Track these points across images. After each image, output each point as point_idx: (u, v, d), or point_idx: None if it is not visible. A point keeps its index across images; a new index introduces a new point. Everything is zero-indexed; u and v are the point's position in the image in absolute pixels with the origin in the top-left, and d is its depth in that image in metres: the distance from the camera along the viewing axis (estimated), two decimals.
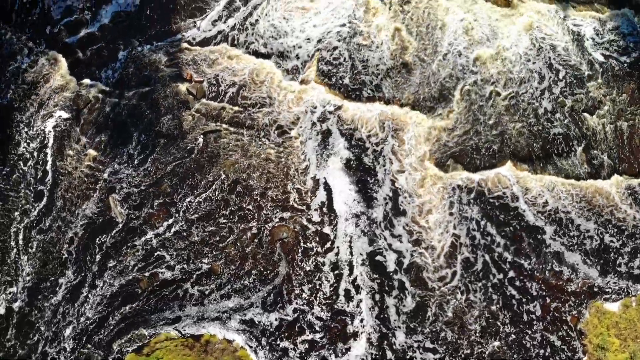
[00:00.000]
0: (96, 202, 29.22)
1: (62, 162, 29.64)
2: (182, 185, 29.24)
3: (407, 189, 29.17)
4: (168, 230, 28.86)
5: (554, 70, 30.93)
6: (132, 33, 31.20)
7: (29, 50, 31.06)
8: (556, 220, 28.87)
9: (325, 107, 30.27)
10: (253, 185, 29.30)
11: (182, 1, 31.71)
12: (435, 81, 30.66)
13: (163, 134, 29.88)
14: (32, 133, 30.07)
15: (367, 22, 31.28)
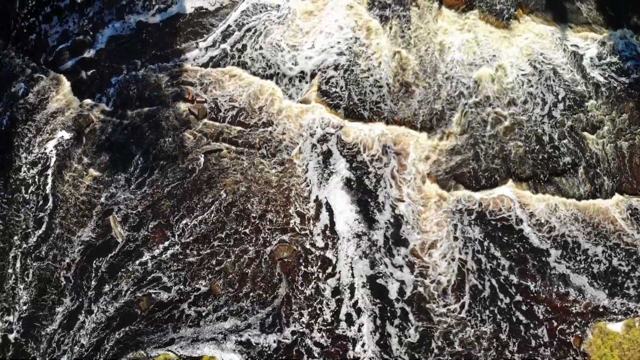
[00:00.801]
0: (95, 223, 29.08)
1: (63, 182, 29.63)
2: (182, 205, 29.20)
3: (408, 209, 29.09)
4: (167, 252, 28.71)
5: (553, 91, 31.16)
6: (135, 54, 31.50)
7: (31, 71, 31.31)
8: (558, 240, 28.73)
9: (326, 127, 30.41)
10: (253, 204, 29.24)
11: (185, 23, 32.17)
12: (435, 102, 30.88)
13: (164, 154, 29.96)
14: (34, 153, 30.12)
15: (368, 43, 31.61)
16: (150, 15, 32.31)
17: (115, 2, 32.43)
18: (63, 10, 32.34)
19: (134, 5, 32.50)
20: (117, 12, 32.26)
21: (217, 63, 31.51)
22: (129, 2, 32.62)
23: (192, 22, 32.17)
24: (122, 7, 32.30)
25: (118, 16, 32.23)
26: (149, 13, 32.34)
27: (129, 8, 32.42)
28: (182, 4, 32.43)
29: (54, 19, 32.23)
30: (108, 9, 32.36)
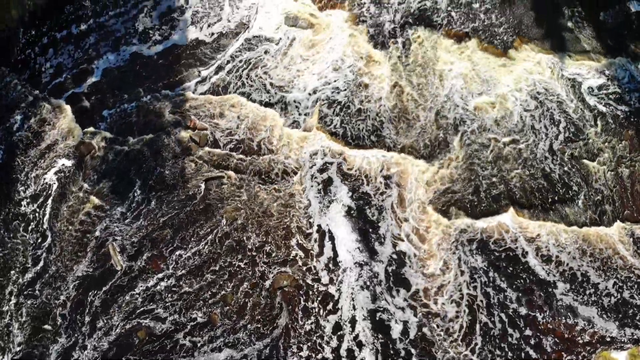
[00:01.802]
0: (94, 253, 28.81)
1: (63, 209, 29.56)
2: (182, 233, 29.06)
3: (410, 247, 28.94)
4: (166, 281, 28.44)
5: (552, 118, 31.34)
6: (137, 83, 31.84)
7: (33, 99, 31.56)
8: (561, 269, 28.49)
9: (327, 154, 30.49)
10: (254, 231, 29.11)
11: (186, 53, 32.61)
12: (435, 129, 31.02)
13: (165, 181, 29.99)
14: (34, 180, 30.14)
15: (368, 72, 31.94)
16: (151, 45, 32.77)
17: (113, 33, 32.97)
18: (64, 40, 32.78)
19: (135, 35, 32.99)
20: (116, 43, 32.72)
21: (219, 91, 31.79)
22: (127, 33, 33.14)
23: (193, 52, 32.59)
24: (121, 37, 32.78)
25: (118, 46, 32.69)
26: (149, 43, 32.78)
27: (128, 39, 32.90)
28: (184, 35, 32.91)
29: (55, 49, 32.65)
30: (107, 40, 32.81)
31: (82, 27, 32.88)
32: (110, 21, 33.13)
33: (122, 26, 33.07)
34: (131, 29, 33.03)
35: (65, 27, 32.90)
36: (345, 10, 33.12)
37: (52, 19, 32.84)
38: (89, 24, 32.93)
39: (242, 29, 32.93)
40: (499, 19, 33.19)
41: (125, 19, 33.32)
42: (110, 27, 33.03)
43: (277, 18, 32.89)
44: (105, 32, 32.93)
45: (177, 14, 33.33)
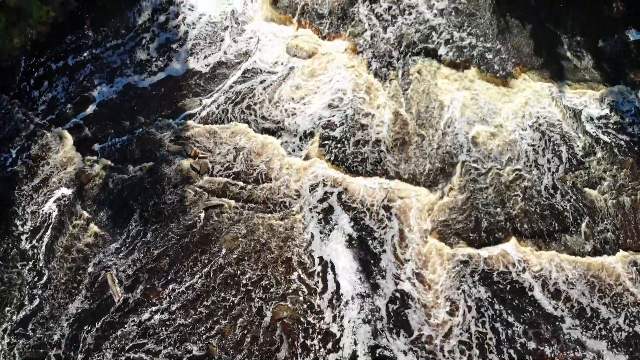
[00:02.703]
0: (91, 284, 28.55)
1: (62, 239, 29.37)
2: (182, 262, 28.82)
3: (412, 267, 28.74)
4: (163, 312, 28.07)
5: (553, 147, 31.32)
6: (138, 111, 31.93)
7: (34, 127, 31.63)
8: (565, 299, 28.23)
9: (327, 183, 30.39)
10: (253, 261, 28.85)
11: (188, 81, 32.76)
12: (436, 157, 30.99)
13: (165, 210, 29.84)
14: (34, 209, 29.99)
15: (368, 101, 32.05)
16: (151, 75, 32.91)
17: (114, 63, 33.06)
18: (65, 69, 32.91)
19: (136, 65, 33.13)
20: (116, 72, 32.86)
21: (220, 120, 31.84)
22: (128, 63, 33.24)
23: (194, 81, 32.73)
24: (123, 67, 32.93)
25: (119, 75, 32.80)
26: (150, 73, 32.94)
27: (129, 68, 33.03)
28: (185, 65, 33.09)
29: (56, 78, 32.79)
30: (107, 69, 32.92)
31: (82, 57, 33.06)
32: (111, 51, 33.33)
33: (123, 56, 33.27)
34: (133, 59, 33.21)
35: (66, 57, 33.11)
36: (345, 40, 33.34)
37: (53, 49, 33.12)
38: (90, 53, 33.15)
39: (243, 59, 33.13)
40: (498, 48, 33.42)
41: (126, 49, 33.53)
42: (111, 57, 33.22)
43: (278, 48, 33.13)
44: (106, 61, 33.11)
45: (177, 45, 33.50)
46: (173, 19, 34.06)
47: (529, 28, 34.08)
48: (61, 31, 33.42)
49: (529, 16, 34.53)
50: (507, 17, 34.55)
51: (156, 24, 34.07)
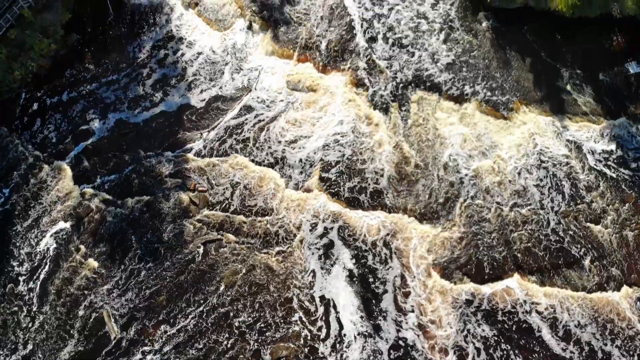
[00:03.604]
0: (87, 322, 28.00)
1: (59, 275, 28.86)
2: (180, 298, 28.28)
3: (415, 304, 28.23)
4: (165, 345, 27.46)
5: (554, 181, 31.09)
6: (138, 144, 31.83)
7: (33, 159, 31.42)
8: (570, 336, 27.65)
9: (328, 216, 30.04)
10: (252, 297, 28.32)
11: (189, 115, 32.76)
12: (437, 191, 30.75)
13: (163, 244, 29.42)
14: (33, 243, 29.59)
15: (369, 134, 31.95)
16: (151, 108, 32.94)
17: (114, 96, 32.99)
18: (65, 102, 32.89)
19: (137, 99, 33.13)
20: (117, 105, 32.83)
21: (220, 153, 31.68)
22: (130, 96, 33.23)
23: (195, 114, 32.72)
24: (123, 101, 32.95)
25: (119, 108, 32.80)
26: (150, 106, 32.96)
27: (130, 101, 33.02)
28: (186, 98, 33.11)
29: (56, 111, 32.79)
30: (108, 103, 32.95)
31: (83, 91, 33.06)
32: (111, 86, 33.38)
33: (123, 90, 33.27)
34: (132, 94, 33.21)
35: (66, 91, 33.11)
36: (345, 74, 33.44)
37: (54, 82, 33.13)
38: (90, 87, 33.14)
39: (244, 92, 33.13)
40: (497, 82, 33.44)
41: (126, 84, 33.53)
42: (111, 91, 33.22)
43: (278, 81, 33.17)
44: (106, 96, 33.10)
45: (178, 80, 33.61)
46: (173, 55, 34.19)
47: (529, 62, 34.17)
48: (62, 64, 33.53)
49: (528, 50, 34.69)
50: (506, 51, 34.68)
51: (155, 59, 34.17)
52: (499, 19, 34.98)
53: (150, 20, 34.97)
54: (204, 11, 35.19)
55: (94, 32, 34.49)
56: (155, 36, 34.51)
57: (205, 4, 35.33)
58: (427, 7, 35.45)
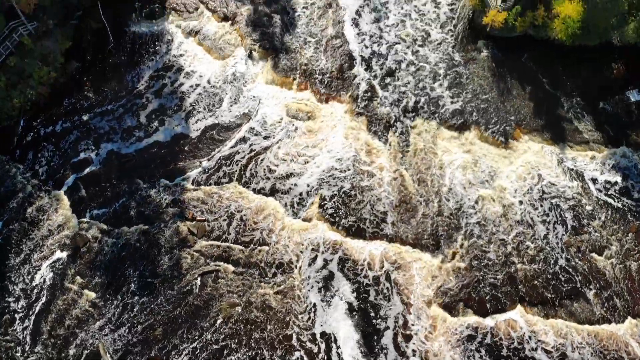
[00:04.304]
0: (83, 353, 27.35)
1: (56, 306, 28.37)
2: (176, 331, 27.78)
3: (415, 336, 27.72)
4: None
5: (556, 210, 30.79)
6: (137, 172, 31.58)
7: (31, 188, 31.17)
8: None
9: (327, 246, 29.66)
10: (250, 332, 27.75)
11: (189, 143, 32.58)
12: (438, 221, 30.42)
13: (161, 275, 29.00)
14: (29, 273, 29.18)
15: (369, 162, 31.74)
16: (151, 136, 32.76)
17: (113, 124, 32.80)
18: (63, 130, 32.70)
19: (135, 127, 32.94)
20: (115, 134, 32.57)
21: (219, 181, 31.43)
22: (128, 124, 32.97)
23: (194, 143, 32.56)
24: (122, 129, 32.71)
25: (117, 137, 32.55)
26: (150, 135, 32.77)
27: (129, 130, 32.79)
28: (185, 127, 33.01)
29: (54, 139, 32.59)
30: (106, 130, 32.70)
31: (81, 119, 32.94)
32: (109, 114, 33.27)
33: (122, 119, 33.13)
34: (131, 122, 33.07)
35: (65, 119, 32.97)
36: (344, 102, 33.42)
37: (53, 110, 33.00)
38: (89, 115, 33.01)
39: (244, 121, 33.02)
40: (497, 110, 33.35)
41: (124, 112, 33.39)
42: (110, 119, 33.10)
43: (278, 110, 33.09)
44: (105, 124, 32.93)
45: (177, 108, 33.52)
46: (172, 83, 34.10)
47: (529, 90, 34.12)
48: (62, 92, 33.44)
49: (528, 78, 34.67)
50: (506, 79, 34.65)
51: (154, 87, 34.09)
52: (498, 47, 35.11)
53: (150, 48, 35.03)
54: (204, 39, 35.25)
55: (94, 60, 34.48)
56: (156, 64, 34.52)
57: (205, 33, 35.41)
58: (426, 34, 35.57)
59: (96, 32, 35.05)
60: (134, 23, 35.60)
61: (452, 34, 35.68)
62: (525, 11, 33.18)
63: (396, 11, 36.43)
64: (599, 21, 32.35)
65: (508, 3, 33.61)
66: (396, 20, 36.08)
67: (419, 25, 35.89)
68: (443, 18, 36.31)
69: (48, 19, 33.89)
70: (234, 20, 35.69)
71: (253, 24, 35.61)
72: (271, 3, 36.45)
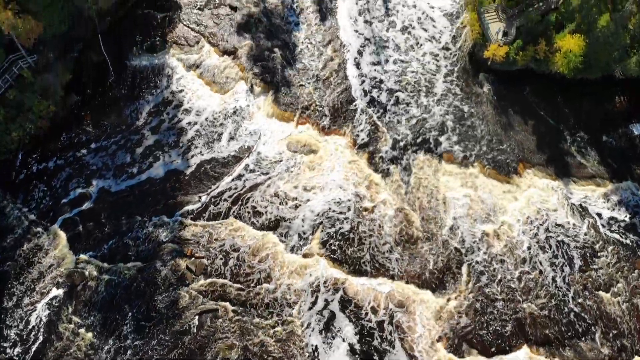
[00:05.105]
0: None
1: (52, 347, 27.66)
2: None
3: None
4: None
5: (562, 248, 30.28)
6: (136, 207, 31.11)
7: (28, 223, 30.64)
8: None
9: (328, 284, 29.07)
10: None
11: (188, 178, 32.13)
12: (441, 258, 29.89)
13: (158, 315, 28.30)
14: (25, 312, 28.44)
15: (370, 197, 31.32)
16: (149, 171, 32.26)
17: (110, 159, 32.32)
18: (61, 165, 32.17)
19: (131, 162, 32.48)
20: (113, 169, 32.16)
21: (219, 216, 30.97)
22: (124, 159, 32.46)
23: (194, 177, 32.13)
24: (119, 164, 32.31)
25: (115, 172, 32.12)
26: (147, 169, 32.27)
27: (125, 165, 32.35)
28: (185, 161, 32.62)
29: (52, 173, 32.04)
30: (104, 166, 32.21)
31: (81, 153, 32.52)
32: (109, 149, 32.84)
33: (121, 153, 32.73)
34: (130, 157, 32.68)
35: (64, 153, 32.51)
36: (345, 136, 33.13)
37: (51, 144, 32.55)
38: (88, 150, 32.60)
39: (245, 155, 32.65)
40: (500, 144, 33.04)
41: (124, 146, 32.96)
42: (109, 154, 32.70)
43: (279, 144, 32.75)
44: (104, 158, 32.52)
45: (177, 142, 33.13)
46: (172, 116, 33.75)
47: (531, 124, 33.86)
48: (61, 126, 33.05)
49: (530, 112, 34.43)
50: (508, 113, 34.36)
51: (155, 121, 33.76)
52: (500, 80, 34.99)
53: (151, 82, 34.79)
54: (205, 73, 35.07)
55: (94, 93, 34.19)
56: (156, 98, 34.25)
57: (206, 66, 35.27)
58: (427, 68, 35.44)
59: (97, 65, 34.83)
60: (135, 56, 35.45)
61: (453, 67, 35.54)
62: (527, 45, 33.15)
63: (397, 45, 36.39)
64: (600, 55, 32.30)
65: (509, 37, 33.65)
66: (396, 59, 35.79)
67: (420, 58, 35.85)
68: (444, 51, 36.21)
69: (48, 51, 33.74)
70: (235, 54, 35.59)
71: (254, 58, 35.52)
72: (272, 38, 36.43)
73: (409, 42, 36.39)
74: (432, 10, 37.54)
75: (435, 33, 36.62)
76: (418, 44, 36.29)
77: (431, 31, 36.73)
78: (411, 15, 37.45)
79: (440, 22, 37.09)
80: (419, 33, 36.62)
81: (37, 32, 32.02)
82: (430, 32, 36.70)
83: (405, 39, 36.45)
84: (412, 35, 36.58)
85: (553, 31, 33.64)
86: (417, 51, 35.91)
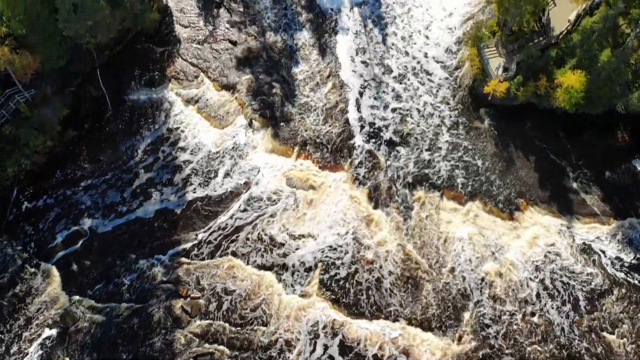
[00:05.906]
0: None
1: None
2: None
3: None
4: None
5: (566, 287, 29.62)
6: (130, 246, 30.51)
7: (22, 262, 30.03)
8: None
9: (327, 327, 28.30)
10: None
11: (185, 215, 31.62)
12: (443, 298, 29.18)
13: (153, 358, 27.60)
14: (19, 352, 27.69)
15: (370, 234, 30.76)
16: (145, 208, 31.75)
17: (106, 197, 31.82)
18: (56, 203, 31.70)
19: (127, 199, 32.00)
20: (108, 206, 31.70)
21: (215, 254, 30.33)
22: (119, 197, 31.98)
23: (191, 215, 31.60)
24: (114, 201, 31.83)
25: (111, 209, 31.62)
26: (144, 206, 31.78)
27: (121, 202, 31.89)
28: (182, 198, 32.11)
29: (48, 210, 31.58)
30: (100, 203, 31.76)
31: (76, 189, 32.01)
32: (105, 185, 32.41)
33: (116, 190, 32.25)
34: (125, 194, 32.21)
35: (59, 189, 32.04)
36: (345, 172, 32.69)
37: (47, 180, 32.13)
38: (84, 186, 32.13)
39: (243, 191, 32.15)
40: (502, 181, 32.57)
41: (119, 183, 32.51)
42: (105, 191, 32.23)
43: (278, 180, 32.28)
44: (100, 195, 32.05)
45: (176, 178, 32.67)
46: (170, 152, 33.32)
47: (533, 159, 33.44)
48: (58, 161, 32.63)
49: (532, 147, 34.02)
50: (509, 148, 33.97)
51: (152, 157, 33.31)
52: (500, 115, 34.70)
53: (149, 117, 34.47)
54: (204, 108, 34.80)
55: (92, 128, 33.87)
56: (154, 133, 33.91)
57: (205, 101, 35.00)
58: (427, 104, 35.15)
59: (95, 99, 34.58)
60: (134, 90, 35.18)
61: (453, 102, 35.28)
62: (527, 81, 32.90)
63: (397, 72, 36.24)
64: (602, 91, 31.99)
65: (509, 73, 33.43)
66: (395, 93, 35.69)
67: (421, 92, 35.63)
68: (444, 86, 35.97)
69: (46, 86, 33.49)
70: (234, 89, 35.39)
71: (253, 93, 35.31)
72: (272, 73, 36.27)
73: (408, 91, 36.06)
74: (429, 57, 37.30)
75: (434, 78, 36.19)
76: (417, 90, 36.01)
77: (429, 82, 36.30)
78: (408, 62, 37.17)
79: (439, 60, 36.83)
80: (416, 82, 36.15)
81: (34, 67, 31.86)
82: (429, 81, 36.25)
83: (404, 88, 36.05)
84: (411, 84, 36.21)
85: (554, 66, 33.45)
86: (416, 100, 35.44)
